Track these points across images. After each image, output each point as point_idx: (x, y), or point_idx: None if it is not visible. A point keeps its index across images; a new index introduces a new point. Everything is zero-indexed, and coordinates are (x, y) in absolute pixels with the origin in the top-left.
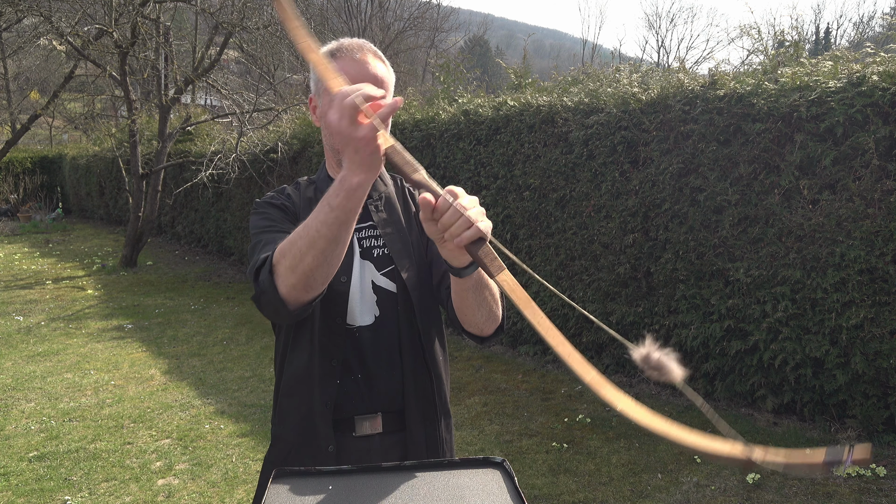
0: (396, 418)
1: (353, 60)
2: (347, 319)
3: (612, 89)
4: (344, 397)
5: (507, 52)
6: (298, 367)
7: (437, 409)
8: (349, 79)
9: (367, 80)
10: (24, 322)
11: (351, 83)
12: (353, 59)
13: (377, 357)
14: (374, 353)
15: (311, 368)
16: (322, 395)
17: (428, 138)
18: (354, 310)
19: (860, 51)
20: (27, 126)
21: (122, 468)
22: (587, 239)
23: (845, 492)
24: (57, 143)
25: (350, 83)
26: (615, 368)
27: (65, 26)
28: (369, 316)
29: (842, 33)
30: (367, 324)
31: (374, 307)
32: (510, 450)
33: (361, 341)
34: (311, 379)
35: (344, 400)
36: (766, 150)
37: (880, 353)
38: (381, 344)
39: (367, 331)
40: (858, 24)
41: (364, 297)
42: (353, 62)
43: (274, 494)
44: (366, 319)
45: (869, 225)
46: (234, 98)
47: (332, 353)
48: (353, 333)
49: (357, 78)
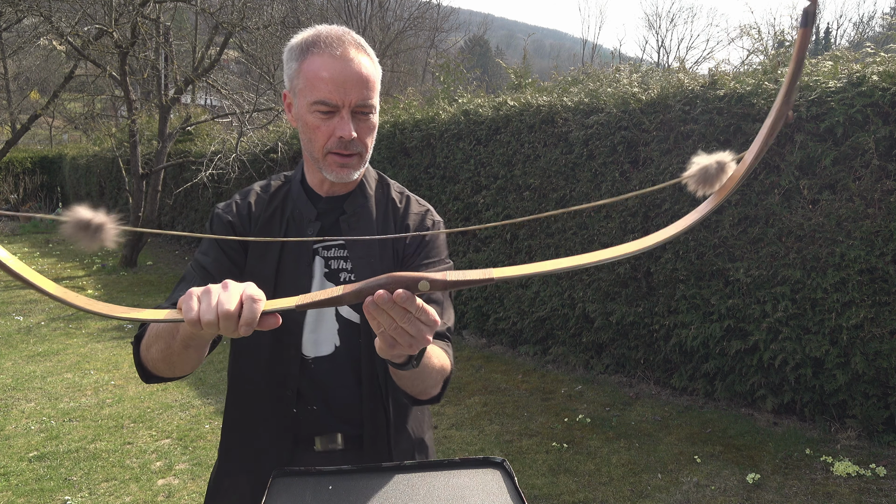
0: (355, 440)
1: (332, 58)
2: (303, 350)
3: (612, 89)
4: (301, 425)
5: (507, 52)
6: (248, 393)
7: (405, 441)
8: (330, 77)
9: (349, 80)
10: (24, 322)
11: (331, 83)
12: (332, 57)
13: (335, 389)
14: (331, 385)
15: (262, 395)
16: (277, 424)
17: (428, 138)
18: (311, 339)
19: (860, 51)
20: (27, 126)
21: (122, 468)
22: (587, 239)
23: (845, 492)
24: (57, 143)
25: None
26: (615, 368)
27: (65, 26)
28: (328, 346)
29: (842, 33)
30: (324, 354)
31: (335, 336)
32: (510, 450)
33: (318, 373)
34: (266, 405)
35: (300, 426)
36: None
37: (880, 353)
38: (341, 376)
39: (325, 362)
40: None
41: (324, 326)
42: (332, 60)
43: (274, 494)
44: (323, 349)
45: (869, 225)
46: (234, 98)
47: (286, 382)
48: (308, 365)
49: (338, 77)
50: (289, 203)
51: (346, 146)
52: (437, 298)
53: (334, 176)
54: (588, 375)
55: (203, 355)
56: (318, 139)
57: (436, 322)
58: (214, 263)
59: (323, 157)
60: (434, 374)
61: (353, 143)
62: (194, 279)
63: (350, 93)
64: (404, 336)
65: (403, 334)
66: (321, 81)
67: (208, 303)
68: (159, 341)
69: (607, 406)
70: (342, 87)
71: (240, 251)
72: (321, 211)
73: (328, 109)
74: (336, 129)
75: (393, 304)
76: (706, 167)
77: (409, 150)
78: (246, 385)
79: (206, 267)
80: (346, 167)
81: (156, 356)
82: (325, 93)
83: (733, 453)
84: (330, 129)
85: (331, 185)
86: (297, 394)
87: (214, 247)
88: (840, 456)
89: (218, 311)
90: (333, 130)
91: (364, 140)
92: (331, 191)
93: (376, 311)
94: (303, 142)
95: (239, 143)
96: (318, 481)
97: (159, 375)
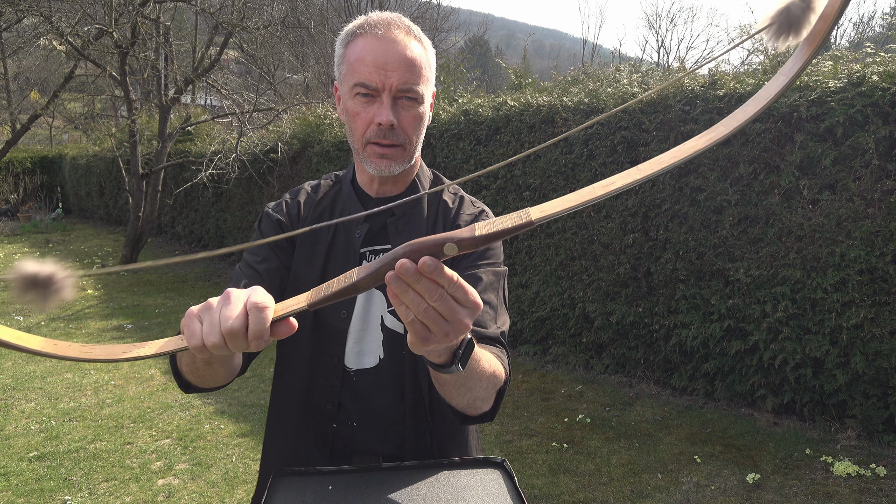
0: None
1: (375, 38)
2: (346, 361)
3: (612, 89)
4: (339, 441)
5: (507, 52)
6: (289, 405)
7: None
8: (372, 59)
9: (390, 62)
10: (24, 322)
11: (371, 65)
12: (375, 37)
13: (377, 404)
14: (374, 400)
15: (305, 406)
16: (315, 439)
17: (428, 138)
18: (354, 350)
19: (860, 51)
20: (27, 126)
21: (122, 468)
22: (587, 239)
23: (845, 492)
24: (57, 143)
25: None
26: (615, 368)
27: (65, 26)
28: (372, 357)
29: (842, 33)
30: (368, 366)
31: (379, 348)
32: (510, 450)
33: (360, 386)
34: (305, 418)
35: (339, 444)
36: (766, 150)
37: (880, 353)
38: (384, 391)
39: (368, 375)
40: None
41: (368, 337)
42: (375, 41)
43: (274, 494)
44: (367, 361)
45: (869, 225)
46: (234, 98)
47: (327, 394)
48: (350, 378)
49: (379, 58)
50: (338, 203)
51: (385, 135)
52: (490, 300)
53: (374, 168)
54: (588, 375)
55: (233, 369)
56: (357, 127)
57: (476, 303)
58: (263, 263)
59: (363, 147)
60: (484, 381)
61: (393, 131)
62: (241, 279)
63: (391, 75)
64: (437, 321)
65: (436, 318)
66: (362, 63)
67: (210, 322)
68: (185, 355)
69: (607, 406)
70: (383, 69)
71: (289, 251)
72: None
73: (367, 92)
74: (375, 115)
75: (419, 275)
76: (788, 5)
77: None
78: (287, 394)
79: (253, 266)
80: (385, 158)
81: (185, 370)
82: (366, 74)
83: (733, 453)
84: (370, 115)
85: (380, 184)
86: (338, 407)
87: (264, 246)
88: (840, 456)
89: (222, 329)
90: (373, 117)
91: (407, 130)
92: (381, 191)
93: (400, 289)
94: (347, 135)
95: (239, 143)
96: (319, 481)
97: (197, 386)
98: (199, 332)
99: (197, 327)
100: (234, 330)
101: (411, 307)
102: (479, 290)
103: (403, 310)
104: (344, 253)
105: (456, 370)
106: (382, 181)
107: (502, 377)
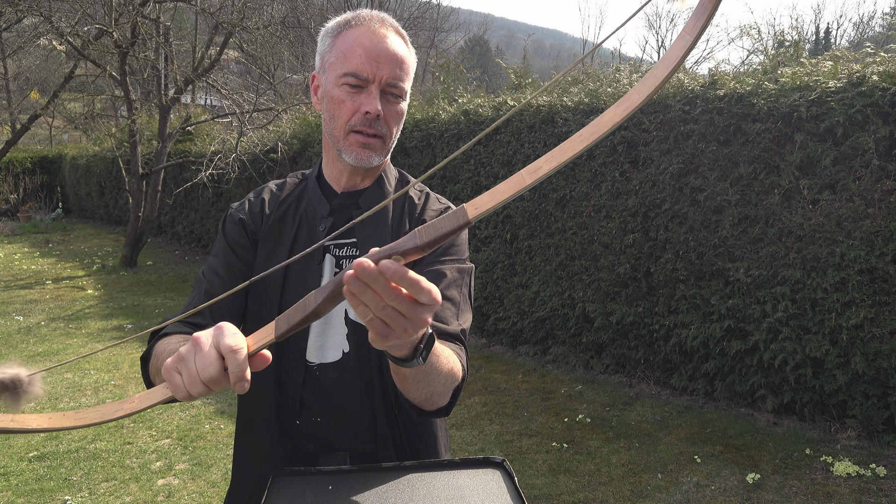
0: (368, 459)
1: (369, 31)
2: (307, 355)
3: (611, 89)
4: (303, 438)
5: (507, 52)
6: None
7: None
8: (365, 51)
9: (383, 55)
10: (24, 322)
11: (364, 56)
12: (369, 31)
13: (342, 399)
14: (338, 394)
15: (267, 401)
16: (281, 434)
17: (428, 138)
18: (316, 344)
19: (860, 51)
20: (27, 126)
21: (122, 468)
22: (587, 239)
23: (845, 492)
24: (57, 143)
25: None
26: (615, 368)
27: (65, 26)
28: (335, 351)
29: (842, 33)
30: (331, 360)
31: (344, 342)
32: (510, 450)
33: (323, 381)
34: (268, 413)
35: (304, 440)
36: (766, 150)
37: (880, 353)
38: (348, 384)
39: (331, 369)
40: (858, 24)
41: (331, 331)
42: (369, 33)
43: (274, 494)
44: (330, 356)
45: (869, 225)
46: (234, 98)
47: (289, 389)
48: (312, 372)
49: (373, 51)
50: (303, 200)
51: (370, 124)
52: (453, 297)
53: (353, 158)
54: (588, 375)
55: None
56: (342, 114)
57: (435, 300)
58: (224, 265)
59: (345, 135)
60: (442, 377)
61: (378, 122)
62: (203, 284)
63: (382, 68)
64: (396, 318)
65: (395, 315)
66: (354, 53)
67: (188, 374)
68: (158, 375)
69: (607, 406)
70: (375, 61)
71: (250, 250)
72: (335, 207)
73: (357, 83)
74: (363, 104)
75: (377, 275)
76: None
77: (409, 150)
78: (253, 391)
79: (216, 270)
80: (367, 148)
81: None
82: (358, 64)
83: (733, 453)
84: (356, 104)
85: (348, 178)
86: (301, 403)
87: (225, 247)
88: (840, 456)
89: (202, 378)
90: (359, 106)
91: (390, 123)
92: (348, 185)
93: (359, 289)
94: (324, 122)
95: (239, 143)
96: (319, 481)
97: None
98: (182, 384)
99: (178, 380)
100: (214, 377)
101: (370, 305)
102: (441, 286)
103: (362, 309)
104: (307, 246)
105: (417, 364)
106: (353, 173)
107: (460, 374)
